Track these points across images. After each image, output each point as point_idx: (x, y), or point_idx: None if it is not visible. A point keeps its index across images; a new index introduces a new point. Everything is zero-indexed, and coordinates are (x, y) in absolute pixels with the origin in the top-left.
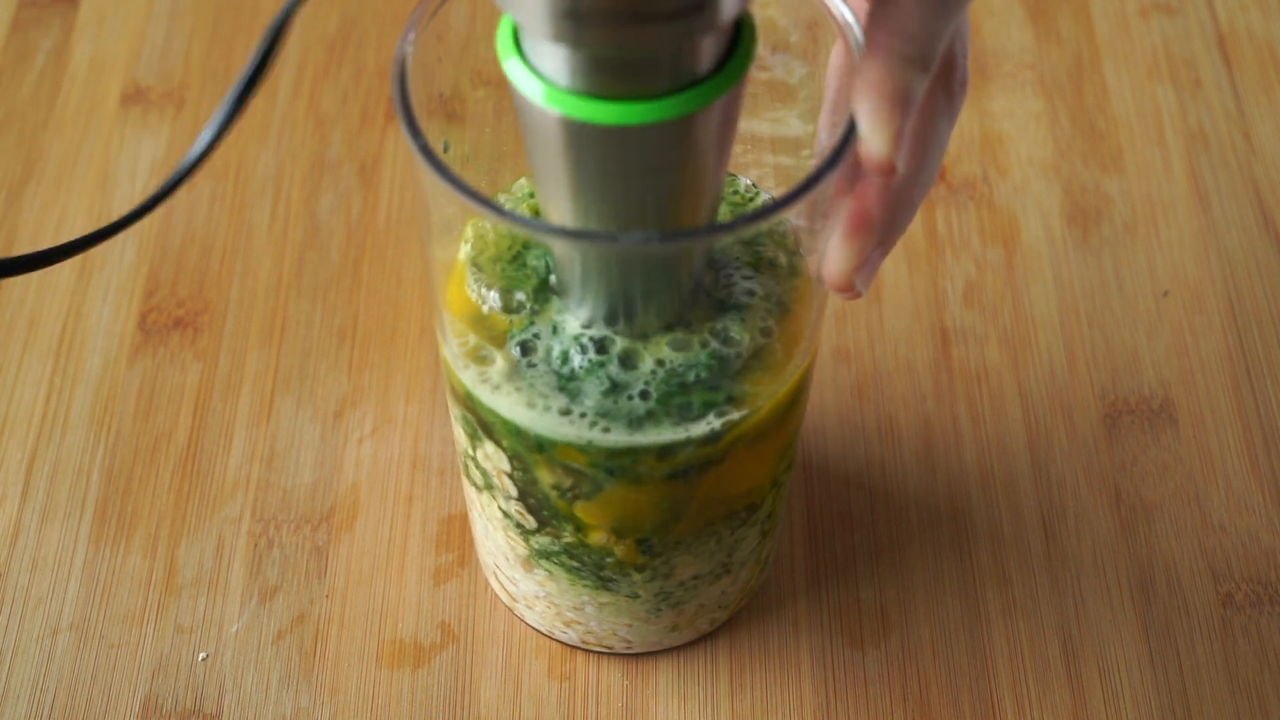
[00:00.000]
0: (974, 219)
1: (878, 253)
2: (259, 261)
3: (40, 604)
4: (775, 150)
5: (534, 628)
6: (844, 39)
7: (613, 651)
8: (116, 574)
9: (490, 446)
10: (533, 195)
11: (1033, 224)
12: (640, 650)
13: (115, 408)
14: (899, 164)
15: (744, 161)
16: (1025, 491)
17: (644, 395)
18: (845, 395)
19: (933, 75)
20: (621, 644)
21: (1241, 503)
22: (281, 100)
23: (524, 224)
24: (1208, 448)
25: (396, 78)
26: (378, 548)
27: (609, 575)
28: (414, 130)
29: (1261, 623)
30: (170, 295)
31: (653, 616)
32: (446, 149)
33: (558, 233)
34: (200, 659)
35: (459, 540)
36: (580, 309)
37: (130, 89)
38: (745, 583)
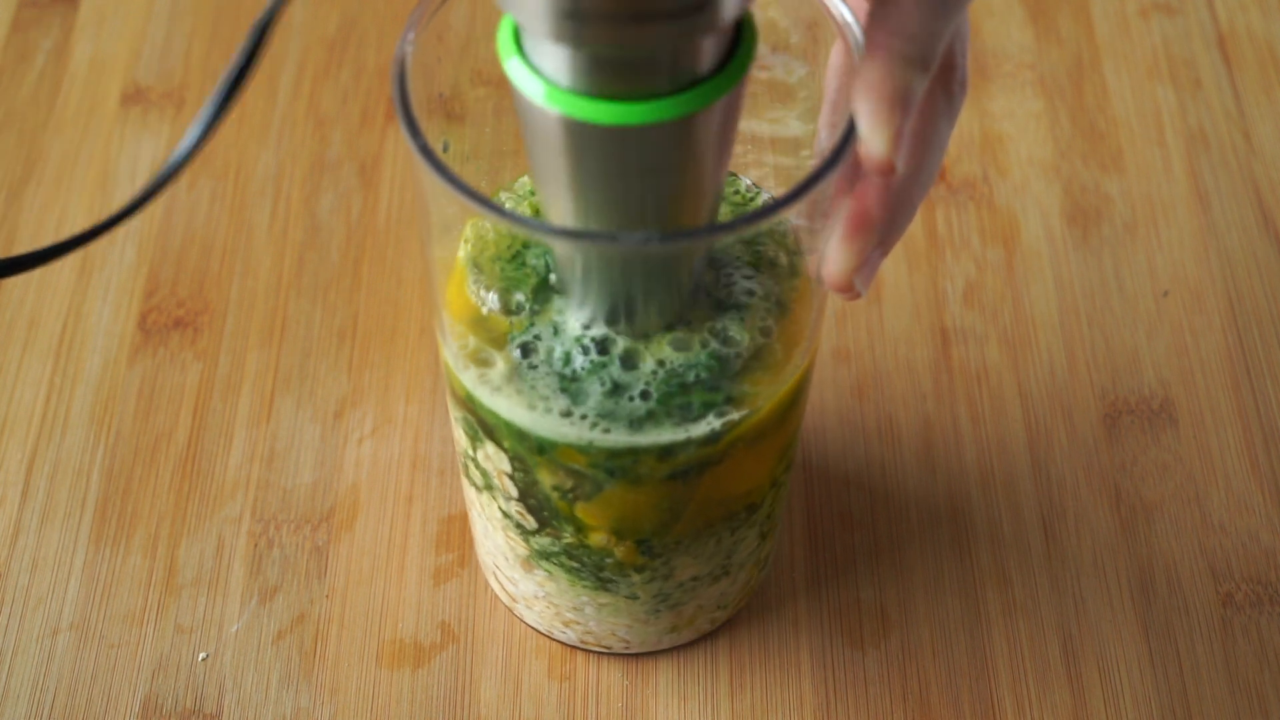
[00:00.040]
0: (974, 219)
1: (877, 253)
2: (259, 261)
3: (40, 604)
4: (775, 150)
5: (533, 628)
6: (843, 39)
7: (612, 651)
8: (116, 574)
9: (491, 447)
10: (533, 194)
11: (1033, 224)
12: (639, 650)
13: (115, 408)
14: (898, 164)
15: (744, 161)
16: (1025, 491)
17: (644, 396)
18: (845, 395)
19: (932, 75)
20: (620, 644)
21: (1241, 503)
22: (281, 100)
23: (524, 224)
24: (1208, 448)
25: (396, 78)
26: (378, 548)
27: (608, 576)
28: (414, 130)
29: (1261, 623)
30: (170, 295)
31: (651, 618)
32: (446, 149)
33: (558, 233)
34: (200, 659)
35: (459, 540)
36: (581, 308)
37: (130, 89)
38: (744, 584)
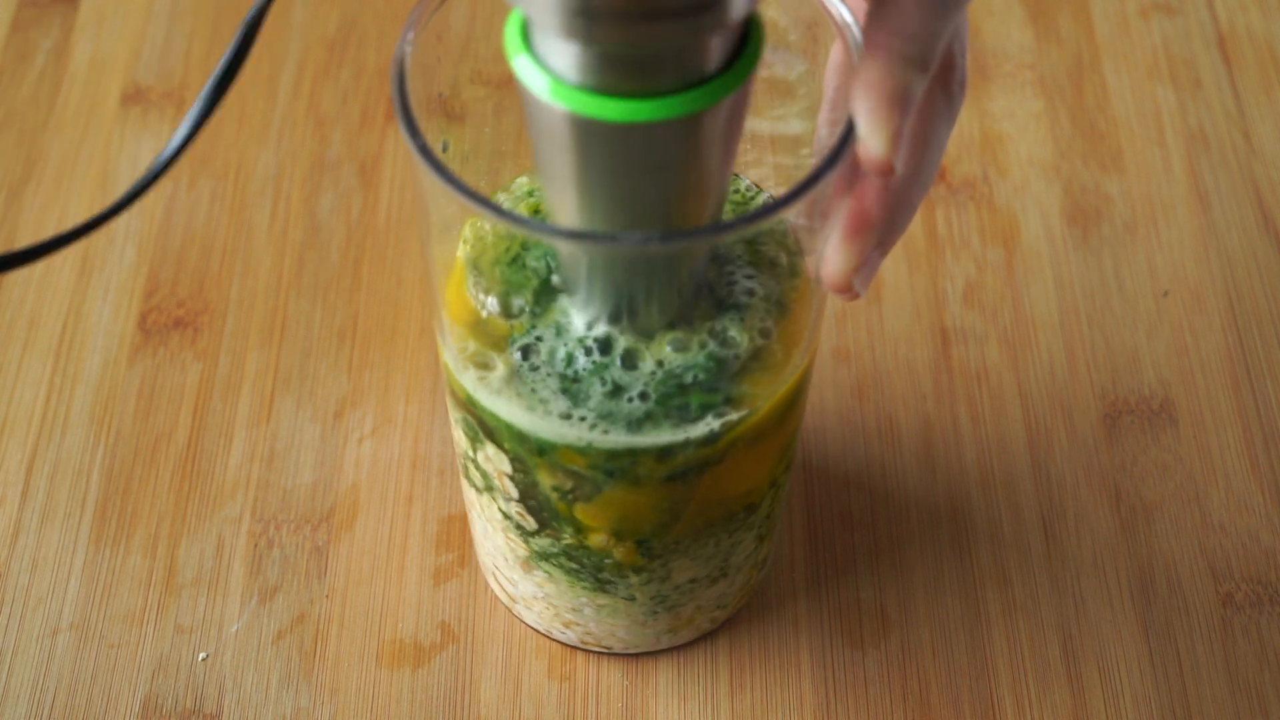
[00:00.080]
0: (974, 219)
1: (877, 253)
2: (259, 261)
3: (40, 604)
4: (775, 150)
5: (533, 628)
6: (843, 39)
7: (612, 652)
8: (116, 574)
9: (491, 449)
10: (531, 194)
11: (1033, 224)
12: (639, 651)
13: (115, 408)
14: (898, 164)
15: (744, 161)
16: (1025, 491)
17: (643, 397)
18: (845, 395)
19: (932, 75)
20: (620, 644)
21: (1241, 503)
22: (281, 100)
23: (523, 224)
24: (1208, 448)
25: (396, 78)
26: (378, 548)
27: (607, 577)
28: (413, 130)
29: (1261, 623)
30: (170, 295)
31: (649, 619)
32: (446, 149)
33: (558, 233)
34: (200, 659)
35: (459, 540)
36: (585, 307)
37: (130, 89)
38: (742, 585)
